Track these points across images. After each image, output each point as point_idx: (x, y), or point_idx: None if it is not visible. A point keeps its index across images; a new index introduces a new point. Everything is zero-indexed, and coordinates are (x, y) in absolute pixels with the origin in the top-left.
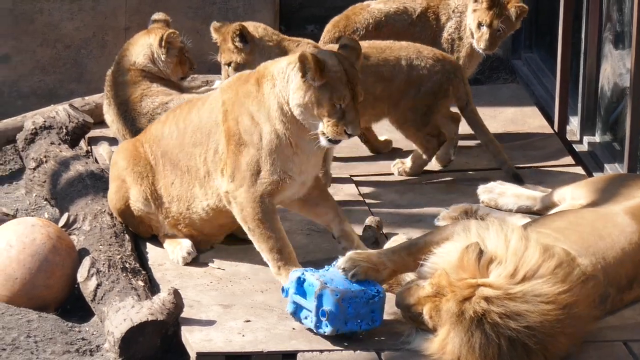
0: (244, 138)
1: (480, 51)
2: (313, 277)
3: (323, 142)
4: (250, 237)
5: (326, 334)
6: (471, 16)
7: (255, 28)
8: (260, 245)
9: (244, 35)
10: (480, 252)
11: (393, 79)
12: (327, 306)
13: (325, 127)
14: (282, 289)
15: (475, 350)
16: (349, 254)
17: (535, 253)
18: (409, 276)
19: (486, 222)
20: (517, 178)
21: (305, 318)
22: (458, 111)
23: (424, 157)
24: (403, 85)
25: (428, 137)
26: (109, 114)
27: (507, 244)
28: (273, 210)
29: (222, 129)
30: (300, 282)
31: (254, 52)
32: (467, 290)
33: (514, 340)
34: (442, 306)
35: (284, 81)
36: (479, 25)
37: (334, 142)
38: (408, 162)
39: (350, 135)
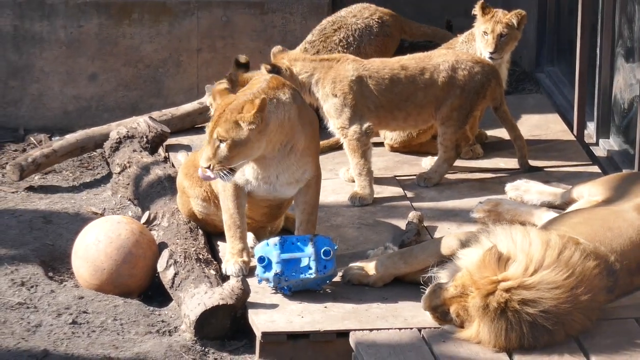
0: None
1: (488, 56)
2: (292, 237)
3: None
4: None
5: (329, 273)
6: (477, 32)
7: (290, 64)
8: (222, 214)
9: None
10: (501, 253)
11: (433, 84)
12: (326, 246)
13: None
14: (261, 259)
15: (501, 335)
16: (350, 266)
17: (538, 246)
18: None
19: (493, 228)
20: (530, 170)
21: (293, 274)
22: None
23: (445, 165)
24: (446, 87)
25: (456, 143)
26: None
27: (514, 244)
28: (232, 195)
29: None
30: (283, 243)
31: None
32: (491, 286)
33: (533, 324)
34: (469, 303)
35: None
36: (484, 34)
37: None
38: (430, 173)
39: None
